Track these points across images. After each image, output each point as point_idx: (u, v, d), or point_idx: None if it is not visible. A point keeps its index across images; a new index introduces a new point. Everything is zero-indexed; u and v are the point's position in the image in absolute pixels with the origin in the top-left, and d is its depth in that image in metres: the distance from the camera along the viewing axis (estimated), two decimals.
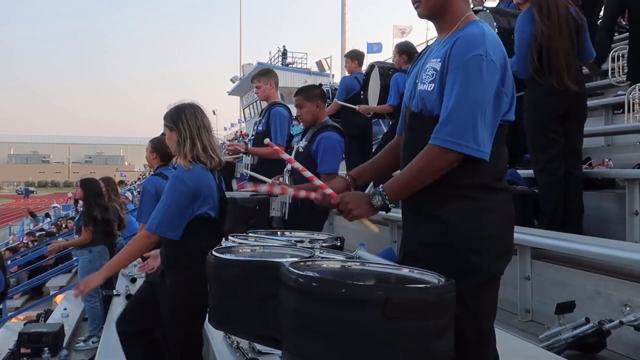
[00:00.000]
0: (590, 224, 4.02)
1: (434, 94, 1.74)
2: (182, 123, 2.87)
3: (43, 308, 8.92)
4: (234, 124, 44.93)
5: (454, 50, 1.70)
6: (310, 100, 3.88)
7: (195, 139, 2.86)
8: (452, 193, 1.72)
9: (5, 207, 57.06)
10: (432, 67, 1.77)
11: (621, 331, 2.79)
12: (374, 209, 1.77)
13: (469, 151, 1.65)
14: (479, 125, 1.66)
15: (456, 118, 1.66)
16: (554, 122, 3.93)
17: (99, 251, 6.32)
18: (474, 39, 1.70)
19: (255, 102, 33.72)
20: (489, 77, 1.67)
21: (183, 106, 2.95)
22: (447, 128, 1.66)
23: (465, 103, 1.66)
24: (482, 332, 1.80)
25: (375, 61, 6.73)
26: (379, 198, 1.75)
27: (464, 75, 1.67)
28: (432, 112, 1.75)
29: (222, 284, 1.73)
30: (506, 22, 4.48)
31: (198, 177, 2.83)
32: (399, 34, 25.80)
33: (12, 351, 6.30)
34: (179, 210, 2.79)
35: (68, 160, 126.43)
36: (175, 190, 2.81)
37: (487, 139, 1.68)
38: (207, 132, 2.90)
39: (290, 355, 1.49)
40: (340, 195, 1.83)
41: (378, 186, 1.78)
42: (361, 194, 1.81)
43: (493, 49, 1.70)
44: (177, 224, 2.79)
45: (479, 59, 1.66)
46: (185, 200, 2.79)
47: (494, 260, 1.77)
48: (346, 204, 1.78)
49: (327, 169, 3.76)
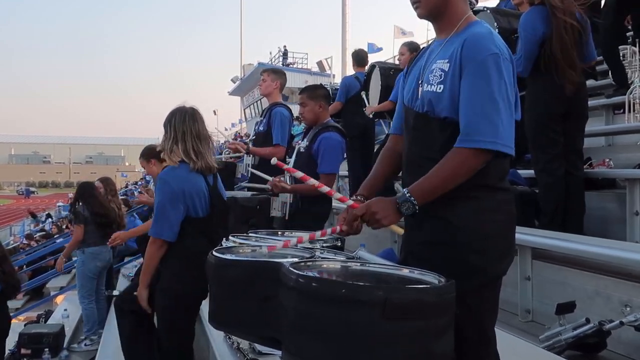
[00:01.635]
0: (591, 224, 4.02)
1: (444, 95, 1.72)
2: (170, 126, 3.01)
3: (43, 309, 8.92)
4: (234, 124, 44.94)
5: (466, 51, 1.69)
6: (313, 99, 3.90)
7: (178, 142, 2.97)
8: (456, 193, 1.70)
9: (5, 207, 57.09)
10: (439, 68, 1.75)
11: (621, 331, 2.79)
12: (402, 215, 1.72)
13: (501, 148, 1.65)
14: (505, 123, 1.66)
15: (482, 118, 1.65)
16: (554, 121, 3.93)
17: (92, 252, 6.21)
18: (485, 38, 1.70)
19: (256, 102, 33.74)
20: (508, 74, 1.68)
21: (176, 110, 3.07)
22: (475, 128, 1.65)
23: (489, 102, 1.65)
24: (484, 333, 1.80)
25: (376, 61, 6.73)
26: (409, 205, 1.68)
27: (484, 74, 1.66)
28: (441, 114, 1.74)
29: (223, 285, 1.74)
30: (507, 22, 4.47)
31: (181, 177, 2.94)
32: (400, 34, 25.80)
33: (12, 352, 6.28)
34: (169, 211, 2.90)
35: (69, 161, 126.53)
36: (162, 193, 2.94)
37: (513, 136, 1.69)
38: (193, 137, 2.99)
39: (290, 356, 1.49)
40: (364, 206, 1.74)
41: (404, 191, 1.71)
42: (387, 201, 1.72)
43: (504, 47, 1.71)
44: (172, 225, 2.91)
45: (496, 57, 1.67)
46: (173, 199, 2.90)
47: (497, 261, 1.77)
48: (373, 214, 1.70)
49: (327, 169, 3.78)
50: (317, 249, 1.92)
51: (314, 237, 1.85)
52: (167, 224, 2.90)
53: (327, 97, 4.03)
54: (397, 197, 1.71)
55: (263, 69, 4.97)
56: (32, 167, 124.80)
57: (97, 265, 6.23)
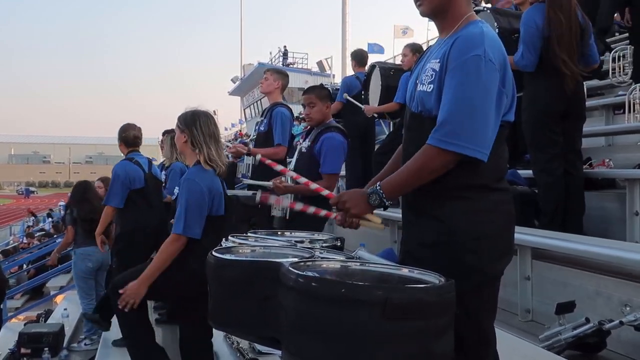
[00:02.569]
0: (591, 224, 4.02)
1: (433, 94, 1.74)
2: (195, 129, 3.06)
3: (43, 308, 8.92)
4: (234, 124, 44.95)
5: (453, 51, 1.70)
6: (322, 100, 3.93)
7: (205, 146, 3.04)
8: (450, 193, 1.72)
9: (5, 207, 57.06)
10: (431, 68, 1.77)
11: (621, 331, 2.79)
12: (372, 207, 1.78)
13: (466, 151, 1.64)
14: (478, 126, 1.65)
15: (454, 118, 1.65)
16: (553, 121, 3.93)
17: (81, 253, 6.14)
18: (473, 39, 1.69)
19: (256, 102, 33.75)
20: (488, 77, 1.66)
21: (198, 113, 3.12)
22: (445, 128, 1.66)
23: (463, 103, 1.65)
24: (482, 332, 1.80)
25: (376, 61, 6.73)
26: (376, 197, 1.76)
27: (462, 75, 1.66)
28: (431, 113, 1.75)
29: (222, 284, 1.73)
30: (507, 22, 4.46)
31: (207, 177, 3.01)
32: (400, 34, 25.80)
33: (12, 351, 6.29)
34: (197, 210, 2.95)
35: (69, 161, 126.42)
36: (190, 191, 2.97)
37: (487, 140, 1.67)
38: (215, 141, 3.10)
39: (290, 356, 1.49)
40: (337, 195, 1.84)
41: (375, 184, 1.78)
42: (358, 192, 1.82)
43: (492, 49, 1.69)
44: (197, 223, 2.95)
45: (477, 59, 1.65)
46: (200, 198, 2.96)
47: (494, 261, 1.77)
48: (344, 202, 1.80)
49: (329, 169, 3.79)
50: (317, 249, 1.92)
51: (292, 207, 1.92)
52: (196, 223, 2.94)
53: (331, 98, 4.07)
54: (368, 188, 1.78)
55: (266, 68, 4.97)
56: (32, 167, 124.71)
57: (88, 265, 6.17)
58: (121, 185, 4.94)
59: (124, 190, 4.94)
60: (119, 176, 4.94)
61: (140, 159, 5.18)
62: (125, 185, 4.95)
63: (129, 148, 5.19)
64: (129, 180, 4.97)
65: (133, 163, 5.08)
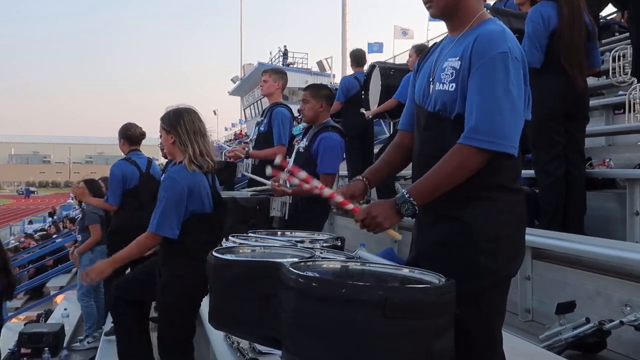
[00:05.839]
0: (591, 224, 4.01)
1: (456, 93, 1.70)
2: (180, 127, 3.02)
3: (43, 308, 8.93)
4: (234, 124, 44.96)
5: (476, 48, 1.67)
6: (316, 98, 3.93)
7: (193, 143, 3.01)
8: (471, 194, 1.69)
9: (5, 207, 57.06)
10: (451, 66, 1.72)
11: (621, 331, 2.79)
12: (403, 216, 1.70)
13: (504, 148, 1.62)
14: (510, 122, 1.63)
15: (487, 117, 1.62)
16: (556, 122, 3.93)
17: (100, 250, 6.22)
18: (497, 37, 1.67)
19: (256, 102, 33.73)
20: (516, 74, 1.65)
21: (181, 111, 3.08)
22: (479, 127, 1.62)
23: (495, 101, 1.62)
24: (491, 334, 1.78)
25: (376, 61, 6.72)
26: (408, 206, 1.67)
27: (491, 72, 1.63)
28: (453, 112, 1.71)
29: (223, 284, 1.73)
30: (507, 22, 4.45)
31: (190, 176, 2.98)
32: (400, 35, 25.80)
33: (12, 351, 6.29)
34: (175, 210, 2.93)
35: (69, 161, 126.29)
36: (169, 190, 2.96)
37: (518, 137, 1.66)
38: (202, 137, 3.05)
39: (290, 355, 1.49)
40: (364, 210, 1.72)
41: (403, 192, 1.70)
42: (386, 204, 1.71)
43: (515, 46, 1.68)
44: (174, 223, 2.94)
45: (504, 56, 1.64)
46: (179, 199, 2.93)
47: (509, 262, 1.75)
48: (374, 218, 1.69)
49: (326, 169, 3.79)
50: (318, 249, 1.92)
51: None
52: (171, 222, 2.92)
53: (329, 98, 4.06)
54: (397, 198, 1.70)
55: (264, 69, 4.98)
56: (32, 167, 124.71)
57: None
58: (117, 185, 5.09)
59: (119, 189, 5.09)
60: (115, 175, 5.09)
61: (138, 158, 5.26)
62: (121, 185, 5.09)
63: (131, 146, 5.29)
64: (125, 180, 5.10)
65: (130, 163, 5.18)
